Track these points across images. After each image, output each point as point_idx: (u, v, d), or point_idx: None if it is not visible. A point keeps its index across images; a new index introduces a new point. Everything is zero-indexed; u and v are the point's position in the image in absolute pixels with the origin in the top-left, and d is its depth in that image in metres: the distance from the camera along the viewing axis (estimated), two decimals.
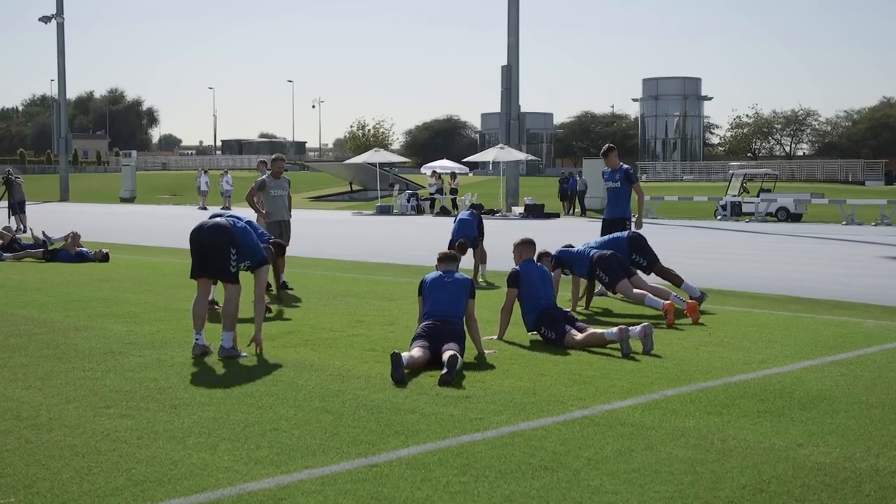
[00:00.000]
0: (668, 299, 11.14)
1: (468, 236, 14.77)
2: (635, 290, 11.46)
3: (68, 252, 18.59)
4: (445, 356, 7.83)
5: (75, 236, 19.08)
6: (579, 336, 9.32)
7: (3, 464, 5.50)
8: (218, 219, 9.15)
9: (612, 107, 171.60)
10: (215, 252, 8.85)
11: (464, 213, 15.78)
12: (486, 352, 8.80)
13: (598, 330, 9.43)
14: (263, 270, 9.27)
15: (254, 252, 9.13)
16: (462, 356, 8.20)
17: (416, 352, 8.23)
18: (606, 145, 14.49)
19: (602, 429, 6.33)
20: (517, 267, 10.07)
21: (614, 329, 9.13)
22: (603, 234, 13.50)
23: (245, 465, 5.49)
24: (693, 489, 5.14)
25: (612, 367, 8.35)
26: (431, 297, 8.80)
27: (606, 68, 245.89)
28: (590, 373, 8.11)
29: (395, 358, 7.72)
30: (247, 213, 11.41)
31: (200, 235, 8.95)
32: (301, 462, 5.56)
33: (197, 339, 8.88)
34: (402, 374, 7.66)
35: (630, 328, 9.08)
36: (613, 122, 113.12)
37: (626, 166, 14.18)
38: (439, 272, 9.12)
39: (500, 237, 18.71)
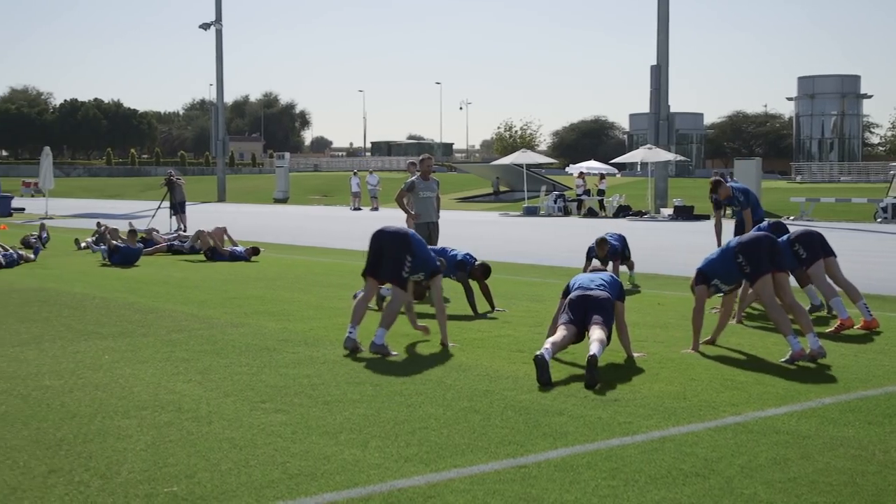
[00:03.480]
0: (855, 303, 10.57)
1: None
2: (827, 280, 10.62)
3: (223, 251, 19.23)
4: (588, 353, 7.72)
5: (219, 231, 19.74)
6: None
7: (166, 454, 5.73)
8: (400, 227, 9.58)
9: (765, 106, 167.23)
10: (392, 256, 9.23)
11: (613, 237, 14.94)
12: (635, 355, 8.69)
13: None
14: (438, 279, 9.70)
15: (427, 264, 9.52)
16: (609, 330, 8.15)
17: (560, 333, 8.16)
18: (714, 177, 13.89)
19: (756, 436, 6.17)
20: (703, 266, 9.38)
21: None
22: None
23: (395, 462, 5.57)
24: (853, 502, 4.96)
25: (766, 373, 8.13)
26: (577, 289, 8.73)
27: (759, 67, 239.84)
28: (742, 378, 7.92)
29: (540, 362, 7.67)
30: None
31: (381, 238, 9.40)
32: (450, 461, 5.61)
33: (350, 333, 9.10)
34: (547, 377, 7.63)
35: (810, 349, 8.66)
36: (766, 122, 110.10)
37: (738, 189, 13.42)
38: (587, 274, 9.06)
39: (649, 240, 18.44)
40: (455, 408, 6.89)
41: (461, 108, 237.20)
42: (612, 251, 14.18)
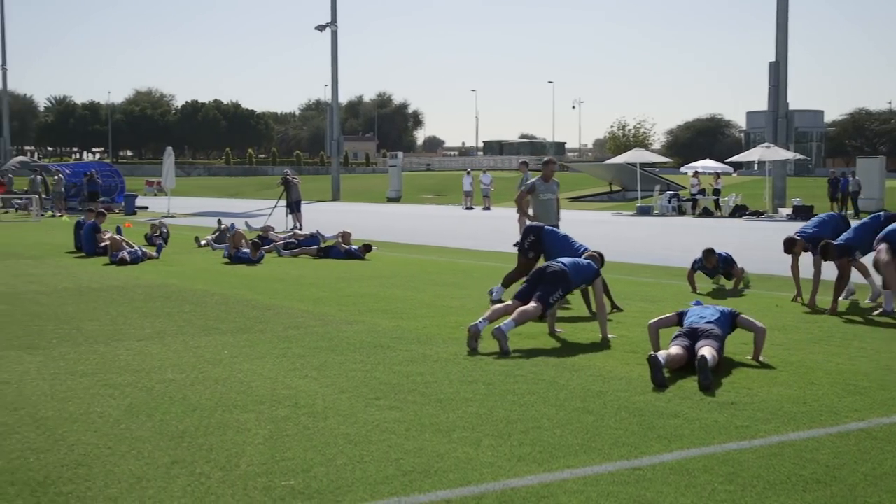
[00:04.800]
0: None
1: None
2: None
3: (339, 249, 19.52)
4: (698, 355, 7.64)
5: (346, 234, 20.03)
6: None
7: (283, 448, 5.85)
8: (562, 265, 9.80)
9: (890, 103, 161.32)
10: (546, 289, 9.45)
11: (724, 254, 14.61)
12: (760, 359, 8.51)
13: None
14: (599, 282, 10.00)
15: (587, 275, 9.92)
16: (720, 356, 8.00)
17: (675, 350, 8.08)
18: None
19: (880, 443, 5.98)
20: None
21: None
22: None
23: (508, 462, 5.58)
24: None
25: (891, 379, 7.87)
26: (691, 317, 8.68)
27: (882, 63, 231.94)
28: (865, 384, 7.68)
29: (654, 361, 7.60)
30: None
31: (542, 273, 9.71)
32: (563, 461, 5.59)
33: (479, 323, 9.18)
34: (662, 378, 7.53)
35: None
36: (891, 119, 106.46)
37: None
38: (698, 309, 8.90)
39: (766, 241, 18.03)
40: (568, 408, 6.86)
41: (574, 107, 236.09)
42: (722, 260, 13.95)
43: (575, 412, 6.74)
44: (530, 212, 14.15)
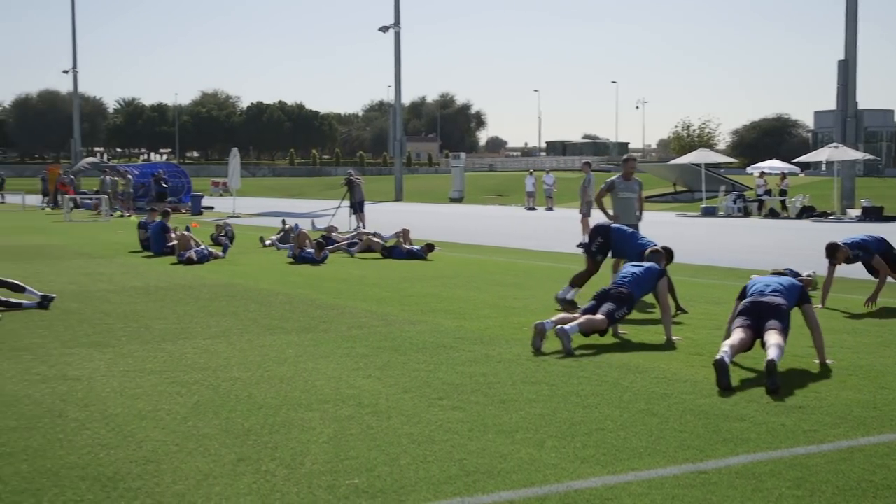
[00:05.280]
0: None
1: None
2: None
3: (401, 249, 19.59)
4: (767, 357, 7.52)
5: (405, 232, 20.09)
6: None
7: (347, 447, 5.89)
8: (627, 288, 9.76)
9: None
10: (612, 307, 9.47)
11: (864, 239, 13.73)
12: (827, 362, 8.37)
13: None
14: (663, 284, 9.96)
15: (650, 282, 9.89)
16: (786, 337, 7.89)
17: (737, 336, 7.95)
18: None
19: None
20: None
21: None
22: None
23: (572, 463, 5.55)
24: None
25: None
26: (751, 294, 8.53)
27: None
28: None
29: (720, 366, 7.49)
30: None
31: (607, 292, 9.76)
32: (627, 464, 5.55)
33: (546, 322, 9.26)
34: (727, 382, 7.44)
35: None
36: None
37: None
38: (764, 277, 8.80)
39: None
40: (632, 410, 6.81)
41: (637, 107, 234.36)
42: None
43: (639, 414, 6.70)
44: (610, 211, 13.99)
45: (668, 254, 11.41)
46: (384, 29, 64.07)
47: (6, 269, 14.60)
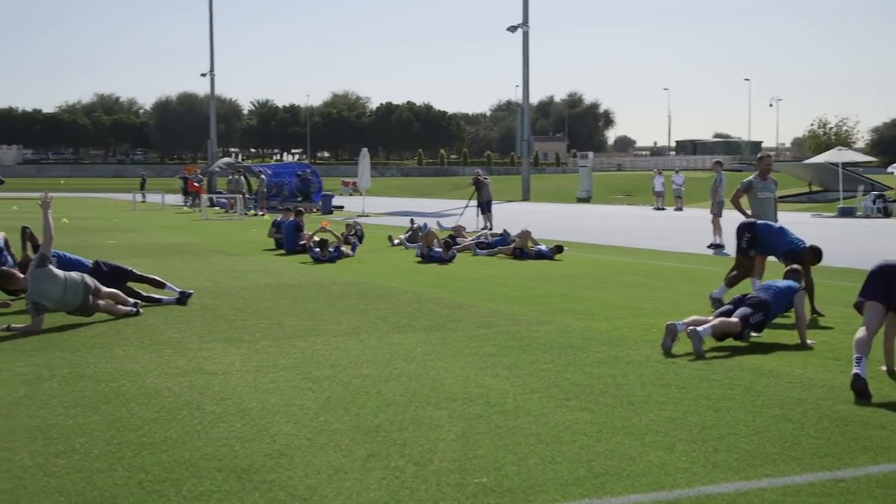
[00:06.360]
0: None
1: None
2: None
3: (529, 250, 19.55)
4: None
5: (525, 233, 20.03)
6: None
7: (475, 445, 5.91)
8: (766, 297, 9.52)
9: None
10: (748, 311, 9.24)
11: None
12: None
13: None
14: (801, 297, 9.71)
15: (788, 299, 9.59)
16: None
17: (868, 328, 7.48)
18: None
19: None
20: None
21: None
22: None
23: (703, 468, 5.46)
24: None
25: None
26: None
27: None
28: None
29: (857, 380, 7.08)
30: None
31: (743, 299, 9.49)
32: (760, 470, 5.43)
33: (678, 324, 9.10)
34: (864, 387, 7.10)
35: None
36: None
37: None
38: None
39: None
40: (765, 415, 6.65)
41: (771, 105, 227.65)
42: None
43: (773, 419, 6.53)
44: (748, 212, 13.68)
45: (815, 253, 11.13)
46: (512, 29, 64.05)
47: (147, 266, 15.15)
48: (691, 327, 8.89)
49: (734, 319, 9.12)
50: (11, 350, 9.21)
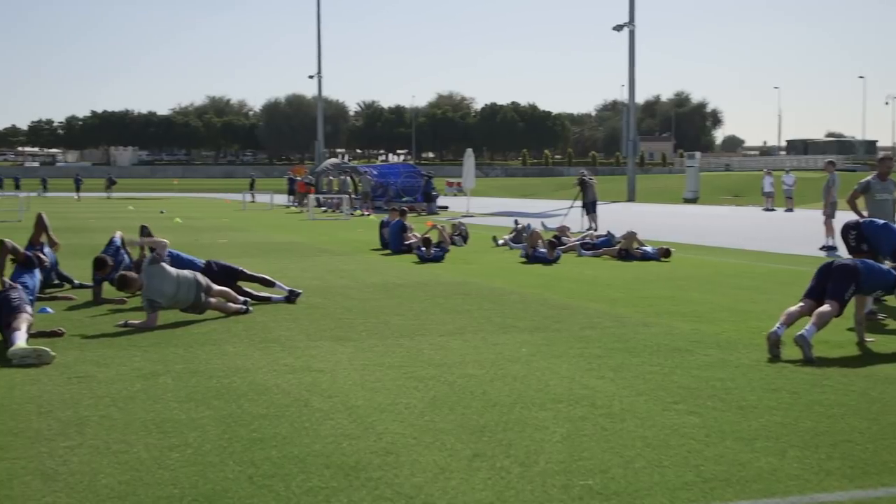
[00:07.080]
0: None
1: None
2: None
3: (633, 252, 19.35)
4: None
5: (630, 235, 19.82)
6: None
7: (580, 447, 5.88)
8: (853, 261, 9.34)
9: None
10: (837, 285, 9.00)
11: None
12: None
13: None
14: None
15: (883, 282, 9.28)
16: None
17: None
18: None
19: None
20: None
21: None
22: None
23: (815, 475, 5.33)
24: None
25: None
26: None
27: None
28: None
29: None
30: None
31: (830, 266, 9.24)
32: (877, 478, 5.27)
33: (777, 329, 8.83)
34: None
35: None
36: None
37: None
38: None
39: None
40: (882, 422, 6.46)
41: (887, 103, 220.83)
42: None
43: (890, 427, 6.34)
44: (864, 213, 13.31)
45: None
46: (618, 28, 63.55)
47: (257, 265, 15.45)
48: (798, 333, 8.60)
49: (827, 308, 8.81)
50: (128, 346, 9.50)
